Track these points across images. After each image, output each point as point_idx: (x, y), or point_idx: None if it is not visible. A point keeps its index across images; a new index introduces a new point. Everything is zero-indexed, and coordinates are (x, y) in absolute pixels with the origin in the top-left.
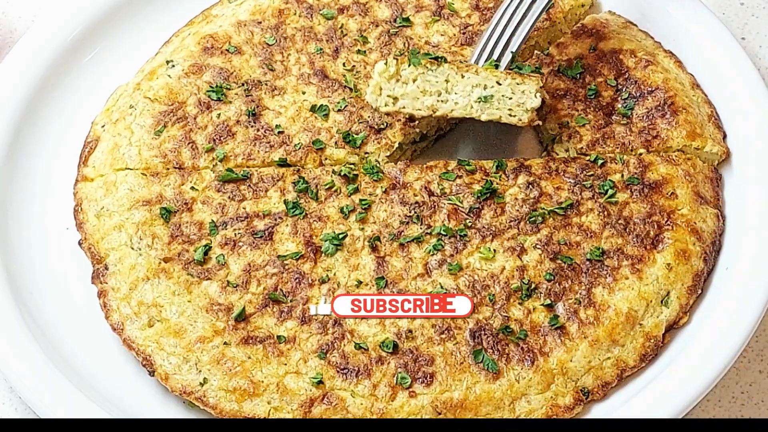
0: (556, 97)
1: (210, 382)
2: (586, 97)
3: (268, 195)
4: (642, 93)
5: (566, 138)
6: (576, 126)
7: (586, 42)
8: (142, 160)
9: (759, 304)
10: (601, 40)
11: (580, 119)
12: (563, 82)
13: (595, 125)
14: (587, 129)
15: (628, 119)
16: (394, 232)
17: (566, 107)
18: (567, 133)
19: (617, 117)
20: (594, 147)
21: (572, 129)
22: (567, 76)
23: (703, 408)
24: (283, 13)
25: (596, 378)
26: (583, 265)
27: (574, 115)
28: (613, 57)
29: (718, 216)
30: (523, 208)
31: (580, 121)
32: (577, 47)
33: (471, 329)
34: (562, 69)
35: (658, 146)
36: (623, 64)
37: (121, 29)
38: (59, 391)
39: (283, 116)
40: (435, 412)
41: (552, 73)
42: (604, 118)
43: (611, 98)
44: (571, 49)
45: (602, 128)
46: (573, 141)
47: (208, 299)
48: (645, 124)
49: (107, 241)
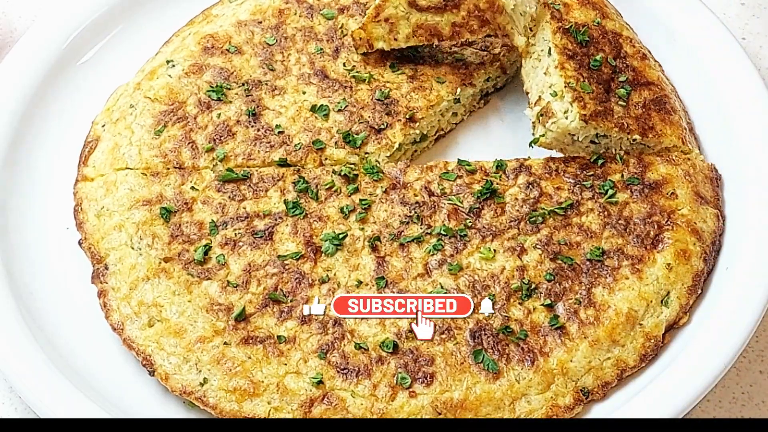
0: (565, 54)
1: (210, 382)
2: (590, 66)
3: (268, 195)
4: (639, 82)
5: (570, 99)
6: (581, 92)
7: (591, 13)
8: (143, 159)
9: (759, 304)
10: (604, 18)
11: (586, 86)
12: (571, 44)
13: (597, 97)
14: (590, 98)
15: (626, 102)
16: (394, 232)
17: (573, 69)
18: (573, 96)
19: (614, 97)
20: (596, 119)
21: (578, 93)
22: (575, 38)
23: (703, 408)
24: (284, 13)
25: (596, 378)
26: (583, 265)
27: (580, 79)
28: (615, 38)
29: (718, 216)
30: (523, 208)
31: (585, 88)
32: (582, 14)
33: (471, 329)
34: (572, 30)
35: (653, 138)
36: (622, 48)
37: (121, 29)
38: (59, 391)
39: (283, 116)
40: (435, 412)
41: (561, 30)
42: (604, 92)
43: (608, 77)
44: (576, 13)
45: (603, 102)
46: (577, 105)
47: (208, 299)
48: (641, 112)
49: (107, 241)
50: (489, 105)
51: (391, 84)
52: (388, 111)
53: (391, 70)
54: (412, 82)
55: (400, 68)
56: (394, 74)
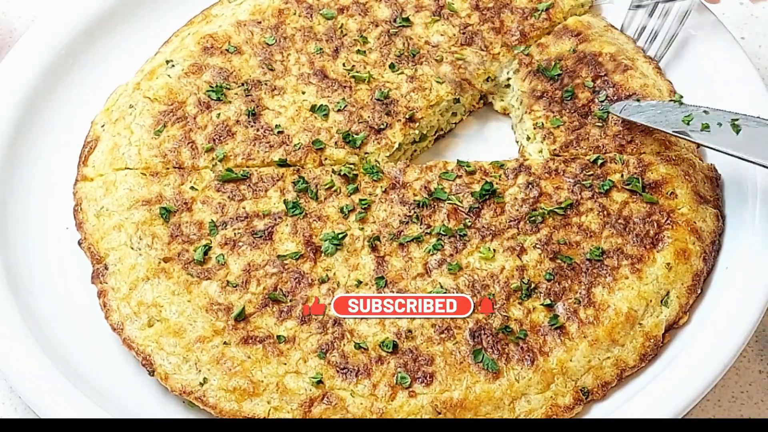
0: (534, 98)
1: (210, 382)
2: (563, 99)
3: (268, 195)
4: (619, 97)
5: (540, 139)
6: (551, 127)
7: (567, 43)
8: (142, 159)
9: (759, 304)
10: (582, 42)
11: (555, 120)
12: (541, 83)
13: (569, 127)
14: (561, 130)
15: (604, 122)
16: (393, 232)
17: (542, 108)
18: (542, 134)
19: (593, 119)
20: (567, 149)
21: (546, 130)
22: (546, 76)
23: (703, 408)
24: (283, 13)
25: (596, 378)
26: (582, 265)
27: (549, 116)
28: (593, 59)
29: (718, 216)
30: (522, 208)
31: (555, 123)
32: (557, 47)
33: (471, 329)
34: (541, 69)
35: (632, 151)
36: (602, 66)
37: (120, 29)
38: (59, 391)
39: (282, 116)
40: (435, 412)
41: (531, 74)
42: (579, 119)
43: (588, 100)
44: (552, 48)
45: (577, 130)
46: (547, 142)
47: (208, 299)
48: (620, 128)
49: (107, 241)
50: (489, 105)
51: (391, 84)
52: (387, 111)
53: (390, 70)
54: (411, 82)
55: (400, 68)
56: (393, 74)
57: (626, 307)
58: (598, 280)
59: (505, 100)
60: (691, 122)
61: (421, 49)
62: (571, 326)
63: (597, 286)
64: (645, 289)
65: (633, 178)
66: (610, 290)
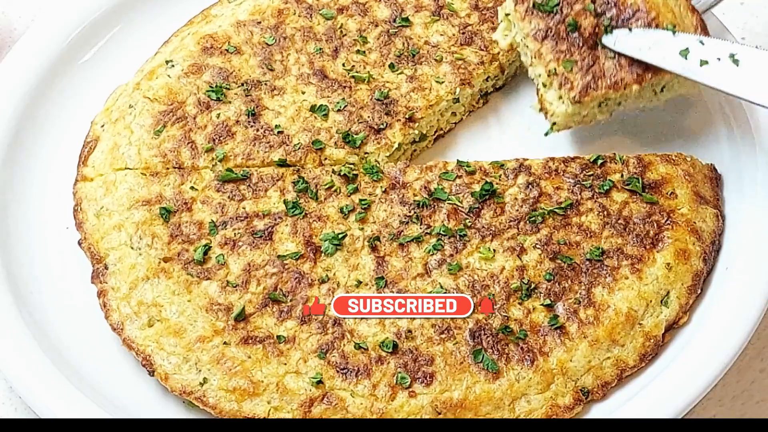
0: (538, 40)
1: (210, 382)
2: (568, 34)
3: (268, 195)
4: (623, 17)
5: (557, 86)
6: (564, 72)
7: None
8: (142, 159)
9: (759, 304)
10: None
11: (567, 63)
12: (541, 20)
13: (582, 66)
14: (576, 72)
15: (615, 52)
16: (393, 232)
17: (550, 51)
18: (559, 81)
19: (604, 50)
20: (586, 93)
21: (562, 76)
22: (543, 11)
23: (704, 407)
24: (283, 13)
25: (596, 378)
26: (582, 265)
27: (560, 59)
28: None
29: (718, 216)
30: (522, 208)
31: (567, 66)
32: None
33: (471, 329)
34: (537, 4)
35: (651, 79)
36: None
37: (120, 29)
38: (59, 391)
39: (282, 116)
40: (435, 412)
41: (528, 11)
42: (591, 53)
43: (593, 27)
44: None
45: (591, 67)
46: (565, 89)
47: (208, 299)
48: None
49: (107, 241)
50: (488, 105)
51: (391, 84)
52: (387, 111)
53: (390, 70)
54: (411, 82)
55: (400, 68)
56: (393, 74)
57: (626, 307)
58: (598, 280)
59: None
60: (688, 56)
61: (421, 49)
62: (571, 326)
63: (597, 286)
64: (645, 289)
65: (633, 178)
66: (610, 290)
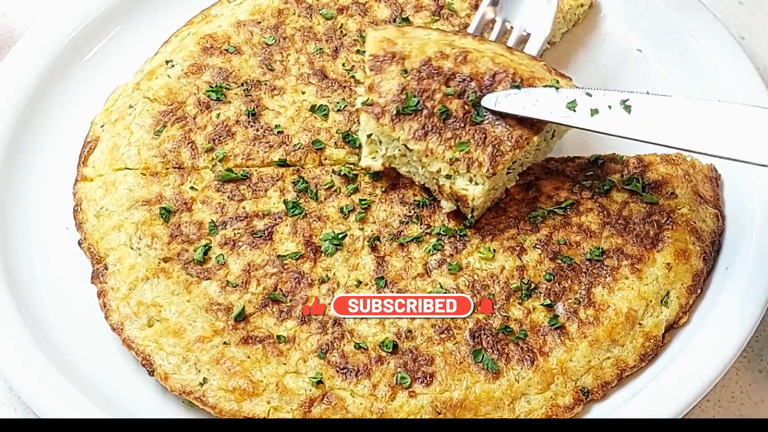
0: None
1: (209, 382)
2: (444, 122)
3: (268, 195)
4: (484, 85)
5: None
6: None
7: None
8: (142, 160)
9: (759, 304)
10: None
11: (461, 146)
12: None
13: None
14: (475, 149)
15: (500, 116)
16: (393, 232)
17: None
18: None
19: (488, 122)
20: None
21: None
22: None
23: (703, 408)
24: (283, 13)
25: (596, 378)
26: (582, 265)
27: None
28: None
29: (718, 216)
30: (522, 208)
31: (463, 148)
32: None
33: (471, 329)
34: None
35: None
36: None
37: (120, 29)
38: (59, 391)
39: (282, 116)
40: (435, 412)
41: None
42: (475, 128)
43: (462, 106)
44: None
45: (485, 140)
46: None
47: (208, 299)
48: None
49: (107, 241)
50: None
51: None
52: None
53: None
54: None
55: None
56: None
57: (626, 307)
58: (598, 280)
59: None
60: (576, 108)
61: None
62: (571, 326)
63: (597, 286)
64: (645, 289)
65: (633, 178)
66: (610, 290)
